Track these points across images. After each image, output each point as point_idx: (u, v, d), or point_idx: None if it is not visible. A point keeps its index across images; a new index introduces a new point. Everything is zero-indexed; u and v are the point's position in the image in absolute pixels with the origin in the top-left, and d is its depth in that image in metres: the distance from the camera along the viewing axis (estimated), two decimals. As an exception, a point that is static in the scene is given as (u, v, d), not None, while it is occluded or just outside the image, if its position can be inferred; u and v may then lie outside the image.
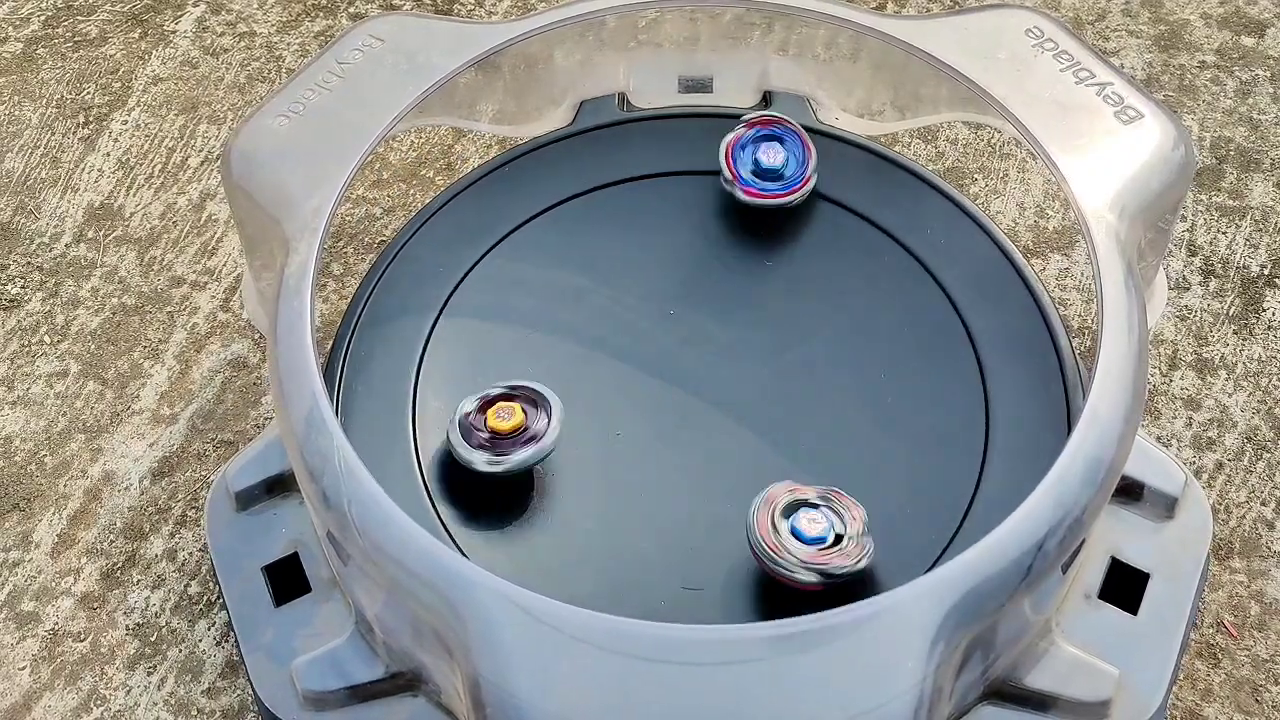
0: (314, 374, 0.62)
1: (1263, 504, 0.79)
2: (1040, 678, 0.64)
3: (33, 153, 0.96)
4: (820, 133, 0.78)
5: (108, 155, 0.96)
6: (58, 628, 0.76)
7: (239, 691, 0.73)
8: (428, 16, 0.77)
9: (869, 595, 0.56)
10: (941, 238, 0.73)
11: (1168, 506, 0.70)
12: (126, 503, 0.80)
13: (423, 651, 0.62)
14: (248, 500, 0.71)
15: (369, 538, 0.59)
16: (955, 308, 0.71)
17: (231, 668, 0.74)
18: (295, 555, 0.70)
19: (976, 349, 0.70)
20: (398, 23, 0.75)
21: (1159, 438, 0.81)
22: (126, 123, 0.98)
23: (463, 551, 0.63)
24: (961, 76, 0.71)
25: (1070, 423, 0.66)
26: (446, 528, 0.65)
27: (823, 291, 0.72)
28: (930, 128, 0.94)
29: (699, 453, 0.67)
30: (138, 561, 0.78)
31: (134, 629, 0.76)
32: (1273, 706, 0.72)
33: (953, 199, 0.75)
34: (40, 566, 0.78)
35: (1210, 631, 0.74)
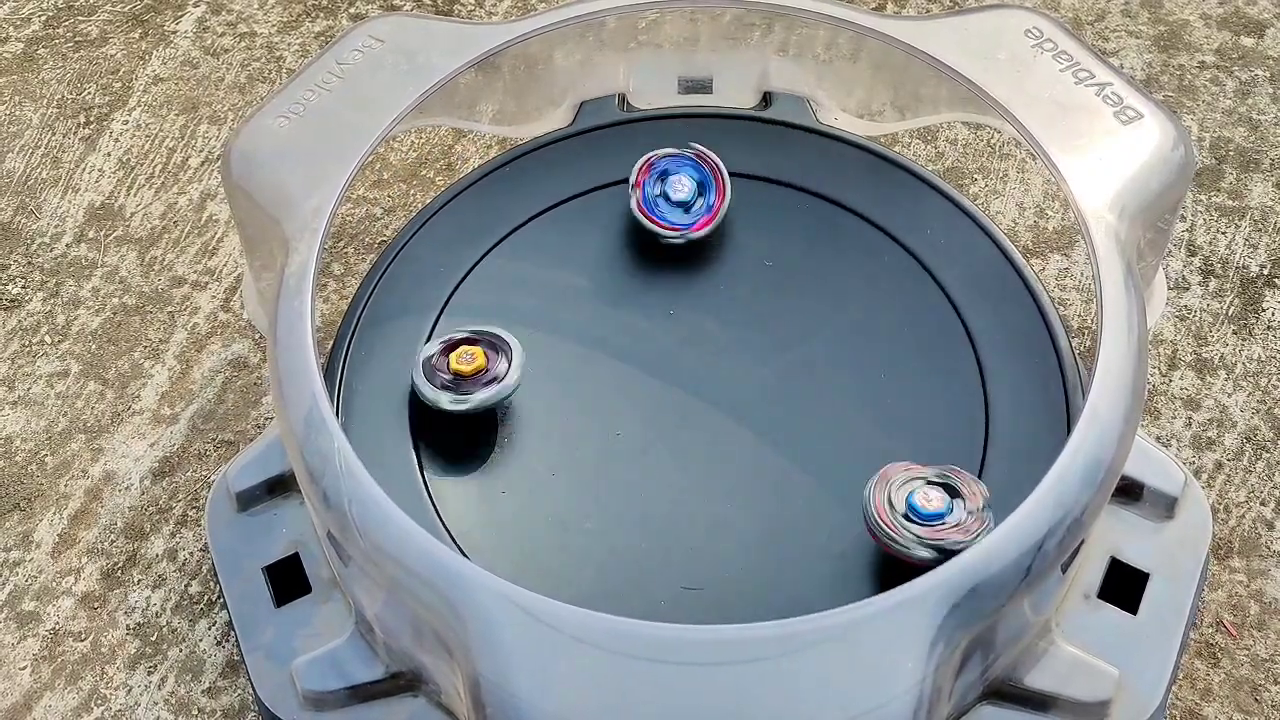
0: (314, 374, 0.62)
1: (1262, 504, 0.79)
2: (1040, 678, 0.64)
3: (33, 153, 0.96)
4: (820, 133, 0.78)
5: (108, 155, 0.96)
6: (58, 627, 0.76)
7: (239, 691, 0.73)
8: (428, 17, 0.77)
9: (869, 595, 0.56)
10: (941, 238, 0.73)
11: (1167, 506, 0.70)
12: (127, 502, 0.80)
13: (423, 651, 0.62)
14: (248, 500, 0.71)
15: (369, 538, 0.59)
16: (955, 308, 0.71)
17: (232, 667, 0.74)
18: (296, 555, 0.70)
19: (976, 349, 0.70)
20: (398, 23, 0.75)
21: (1159, 438, 0.81)
22: (127, 123, 0.98)
23: (463, 551, 0.63)
24: (961, 77, 0.71)
25: (1070, 423, 0.66)
26: (447, 528, 0.65)
27: (823, 291, 0.72)
28: (930, 128, 0.94)
29: (699, 453, 0.67)
30: (138, 561, 0.78)
31: (134, 629, 0.76)
32: (1272, 706, 0.72)
33: (952, 199, 0.75)
34: (41, 566, 0.78)
35: (1210, 631, 0.74)
